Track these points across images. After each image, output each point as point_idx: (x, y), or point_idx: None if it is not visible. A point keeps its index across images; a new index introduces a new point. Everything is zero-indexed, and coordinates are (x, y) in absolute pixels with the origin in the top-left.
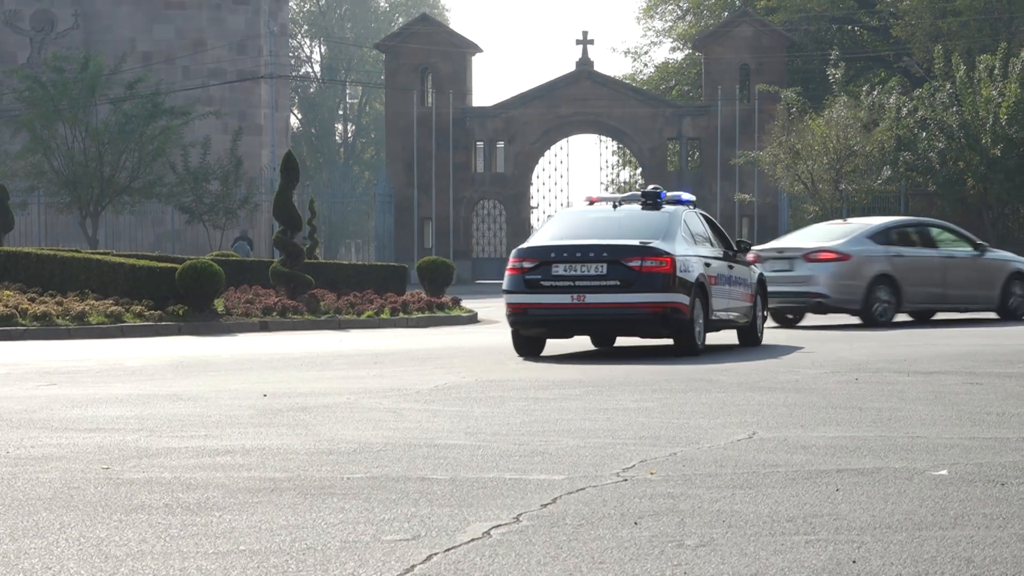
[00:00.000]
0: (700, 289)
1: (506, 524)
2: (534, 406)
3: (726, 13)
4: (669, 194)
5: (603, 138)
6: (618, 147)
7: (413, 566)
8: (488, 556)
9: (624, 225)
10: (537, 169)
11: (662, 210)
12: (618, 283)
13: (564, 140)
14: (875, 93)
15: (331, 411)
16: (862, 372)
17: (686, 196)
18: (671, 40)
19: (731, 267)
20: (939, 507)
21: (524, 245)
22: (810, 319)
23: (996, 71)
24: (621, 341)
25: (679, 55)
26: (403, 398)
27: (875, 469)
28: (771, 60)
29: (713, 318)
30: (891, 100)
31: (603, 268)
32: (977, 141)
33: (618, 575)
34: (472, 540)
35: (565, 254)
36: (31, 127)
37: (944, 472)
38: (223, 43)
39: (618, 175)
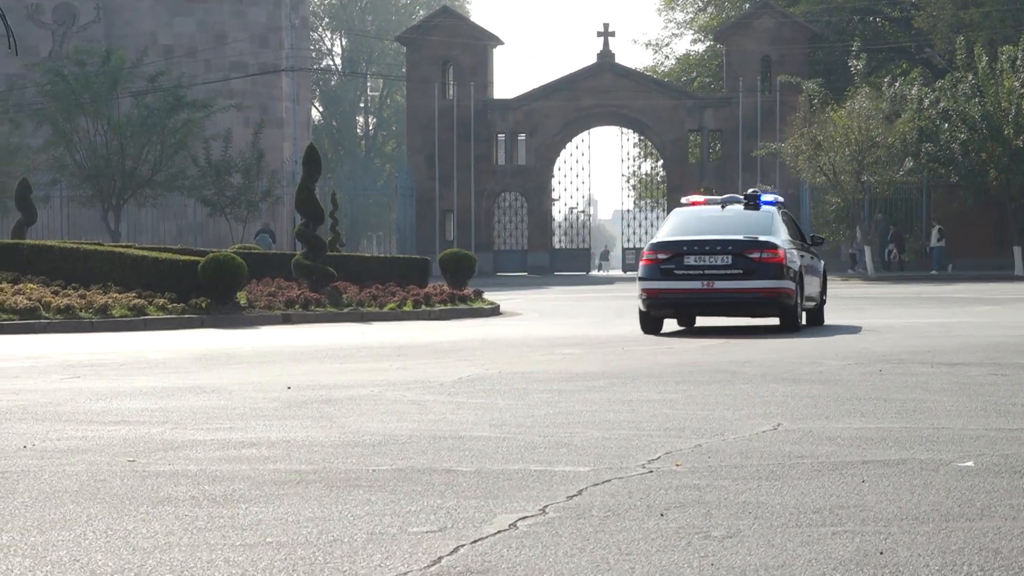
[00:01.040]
0: (799, 277)
1: (532, 516)
2: (558, 398)
3: (747, 5)
4: (764, 196)
5: (624, 130)
6: (639, 139)
7: (440, 558)
8: (515, 548)
9: (734, 223)
10: (558, 161)
11: (761, 210)
12: (741, 272)
13: (585, 132)
14: (897, 84)
15: (355, 403)
16: (886, 363)
17: (778, 198)
18: (692, 32)
19: (812, 258)
20: (965, 498)
21: (656, 240)
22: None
23: (1018, 62)
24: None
25: (700, 47)
26: (427, 390)
27: (901, 460)
28: (792, 51)
29: (802, 301)
30: (913, 91)
31: (728, 259)
32: (999, 132)
33: (645, 566)
34: (499, 532)
35: (696, 247)
36: (53, 121)
37: (970, 463)
38: (244, 36)
39: (639, 167)
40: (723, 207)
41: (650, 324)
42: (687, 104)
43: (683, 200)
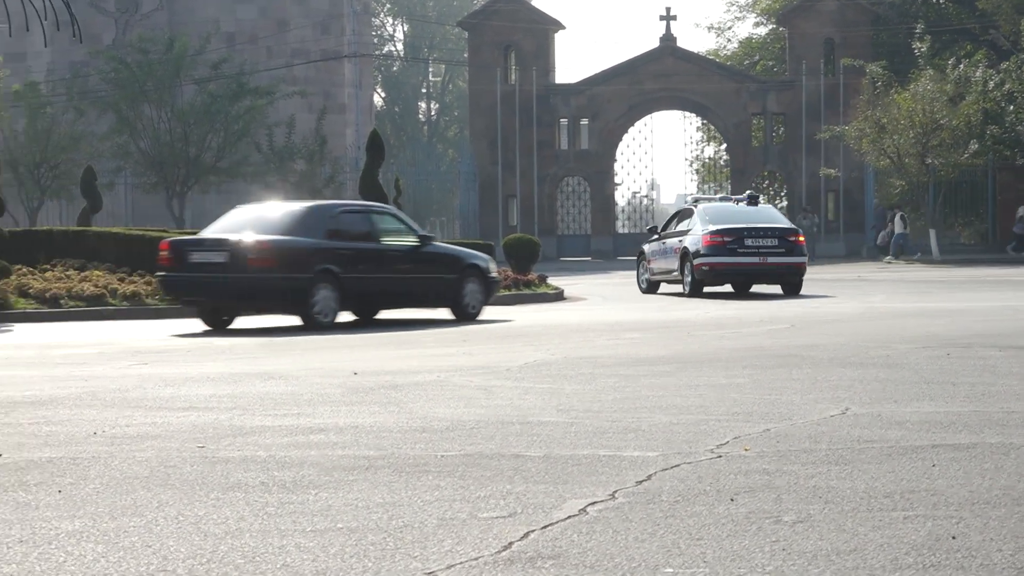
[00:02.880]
0: None
1: (602, 501)
2: (625, 383)
3: None
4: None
5: (687, 114)
6: (702, 123)
7: (511, 543)
8: (585, 533)
9: (759, 214)
10: (621, 146)
11: (759, 206)
12: (784, 250)
13: (648, 116)
14: (961, 66)
15: (422, 389)
16: (953, 347)
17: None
18: (755, 15)
19: None
20: None
21: (719, 227)
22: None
23: None
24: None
25: (763, 30)
26: (493, 375)
27: (971, 444)
28: (856, 34)
29: None
30: (977, 73)
31: (775, 241)
32: None
33: (716, 551)
34: (569, 517)
35: (754, 232)
36: (117, 108)
37: None
38: (306, 23)
39: (702, 151)
40: (736, 203)
41: (696, 288)
42: (750, 87)
43: (687, 198)
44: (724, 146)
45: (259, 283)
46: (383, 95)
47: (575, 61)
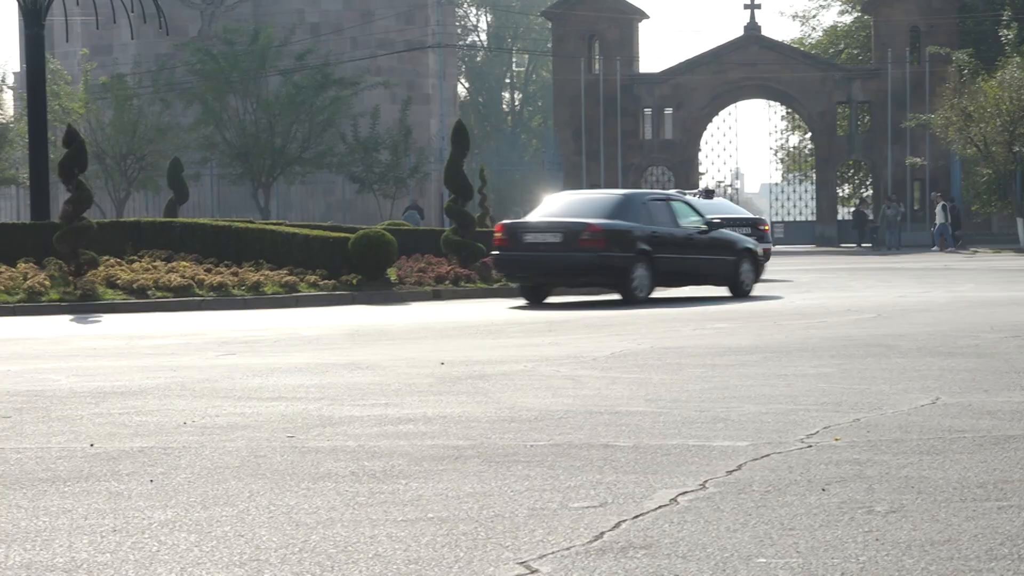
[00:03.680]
0: None
1: (693, 491)
2: (712, 373)
3: None
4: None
5: (771, 103)
6: (787, 112)
7: (602, 533)
8: (677, 523)
9: (723, 206)
10: (705, 135)
11: (715, 199)
12: (756, 238)
13: (732, 105)
14: None
15: (509, 379)
16: None
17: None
18: (839, 3)
19: None
20: None
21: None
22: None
23: None
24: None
25: (848, 18)
26: (580, 365)
27: None
28: (942, 22)
29: None
30: None
31: (748, 230)
32: None
33: (809, 542)
34: (660, 507)
35: (731, 223)
36: (203, 100)
37: None
38: (391, 13)
39: (787, 140)
40: (700, 198)
41: None
42: (835, 76)
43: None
44: (809, 135)
45: (589, 261)
46: (467, 85)
47: (659, 50)
